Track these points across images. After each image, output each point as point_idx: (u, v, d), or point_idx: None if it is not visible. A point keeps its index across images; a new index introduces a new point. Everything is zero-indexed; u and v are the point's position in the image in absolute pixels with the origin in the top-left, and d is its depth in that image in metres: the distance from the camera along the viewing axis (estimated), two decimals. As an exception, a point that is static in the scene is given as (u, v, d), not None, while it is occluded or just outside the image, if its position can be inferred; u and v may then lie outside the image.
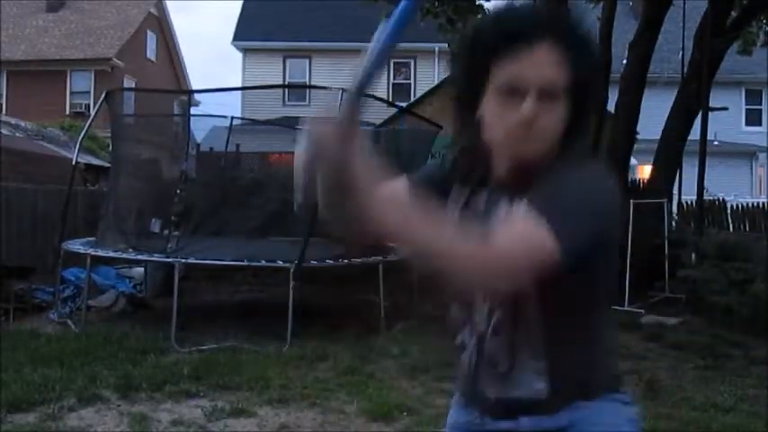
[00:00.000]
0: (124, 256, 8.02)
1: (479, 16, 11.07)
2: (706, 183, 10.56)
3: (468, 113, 1.39)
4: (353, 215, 1.27)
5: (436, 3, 10.78)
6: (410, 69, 23.46)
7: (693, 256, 9.37)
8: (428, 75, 22.10)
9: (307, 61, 23.45)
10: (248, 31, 23.72)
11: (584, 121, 1.39)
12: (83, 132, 9.44)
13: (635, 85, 11.61)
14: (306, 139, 1.39)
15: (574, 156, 1.36)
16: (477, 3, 11.11)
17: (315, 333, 7.20)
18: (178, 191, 7.88)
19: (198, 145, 12.05)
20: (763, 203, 13.17)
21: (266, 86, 22.27)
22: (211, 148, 12.35)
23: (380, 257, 8.19)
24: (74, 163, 8.85)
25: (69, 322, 7.62)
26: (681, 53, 13.51)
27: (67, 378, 5.39)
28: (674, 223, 11.11)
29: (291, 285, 7.00)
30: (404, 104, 15.58)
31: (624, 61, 12.32)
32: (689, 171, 11.76)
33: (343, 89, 1.51)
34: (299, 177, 1.32)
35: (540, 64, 1.30)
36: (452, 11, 10.58)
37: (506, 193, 1.38)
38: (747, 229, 11.31)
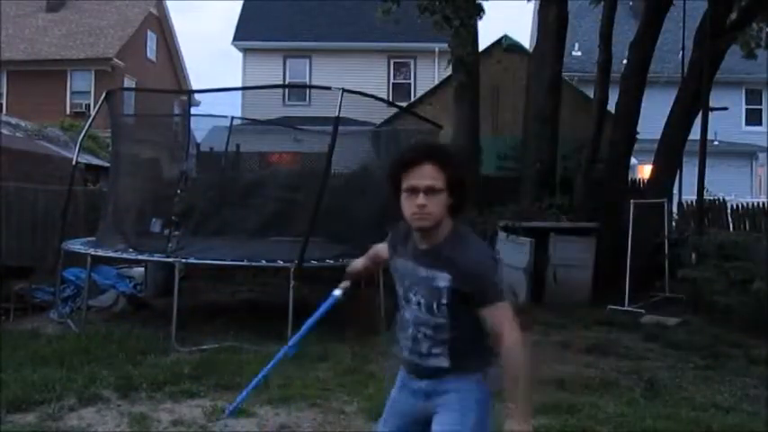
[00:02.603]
0: (124, 255, 8.01)
1: (477, 16, 11.08)
2: (706, 183, 10.56)
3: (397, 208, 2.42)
4: None
5: (436, 2, 10.77)
6: (410, 69, 23.45)
7: (693, 256, 9.38)
8: (428, 75, 22.07)
9: (307, 61, 23.43)
10: (248, 31, 23.71)
11: (464, 203, 2.38)
12: (83, 132, 9.44)
13: (635, 85, 11.62)
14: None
15: (460, 225, 2.43)
16: (477, 2, 11.10)
17: (315, 333, 7.18)
18: (178, 191, 7.87)
19: (198, 145, 12.05)
20: (763, 203, 13.16)
21: (266, 86, 22.23)
22: (211, 148, 12.35)
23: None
24: (74, 163, 8.84)
25: (69, 322, 7.62)
26: (681, 53, 13.53)
27: (67, 378, 5.39)
28: (674, 223, 11.11)
29: (291, 285, 6.99)
30: (404, 104, 15.57)
31: (624, 61, 12.32)
32: (689, 171, 11.77)
33: (343, 89, 1.65)
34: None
35: (425, 174, 2.32)
36: (451, 10, 10.57)
37: (419, 248, 2.44)
38: (747, 229, 11.30)
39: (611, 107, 12.04)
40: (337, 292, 3.24)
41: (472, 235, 2.45)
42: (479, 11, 11.14)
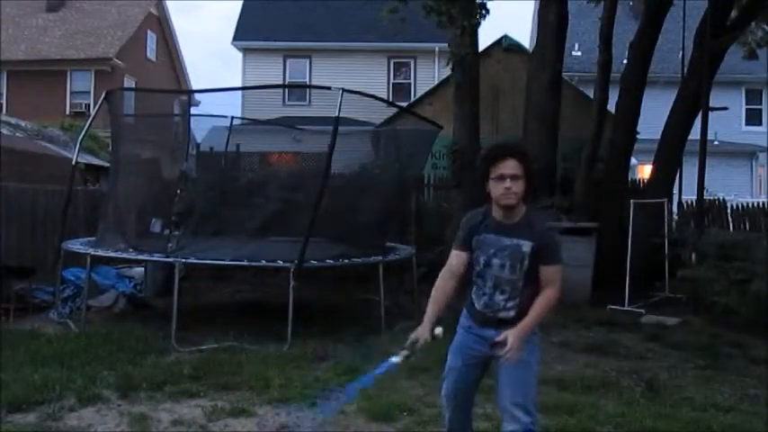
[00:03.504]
0: (124, 255, 8.02)
1: (481, 16, 11.06)
2: (706, 182, 10.55)
3: (485, 192, 3.23)
4: None
5: (442, 2, 10.75)
6: (410, 69, 23.44)
7: (693, 256, 9.37)
8: (428, 75, 22.06)
9: (307, 61, 23.42)
10: (248, 31, 23.71)
11: (533, 189, 3.19)
12: (83, 132, 9.43)
13: (635, 85, 11.62)
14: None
15: (531, 204, 3.28)
16: (480, 1, 11.08)
17: (315, 333, 7.20)
18: (178, 191, 7.88)
19: (198, 145, 12.04)
20: (763, 203, 13.15)
21: (266, 86, 22.23)
22: (211, 148, 12.34)
23: (380, 257, 8.20)
24: (74, 163, 8.85)
25: (69, 322, 7.62)
26: (681, 53, 13.52)
27: (67, 378, 5.39)
28: (674, 223, 11.11)
29: (291, 285, 6.99)
30: (404, 104, 15.56)
31: (624, 61, 12.32)
32: (689, 171, 11.76)
33: (343, 89, 1.65)
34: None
35: (511, 166, 3.15)
36: (458, 10, 10.54)
37: (503, 222, 3.24)
38: (747, 228, 11.29)
39: (612, 107, 12.03)
40: (395, 359, 3.34)
41: (541, 215, 3.41)
42: (485, 10, 11.12)
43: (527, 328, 3.13)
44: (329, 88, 7.69)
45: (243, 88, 19.63)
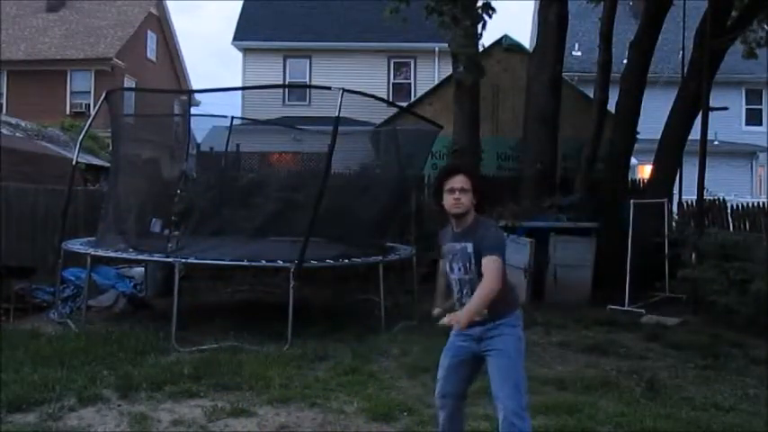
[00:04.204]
0: (124, 255, 8.02)
1: (486, 15, 11.04)
2: (706, 183, 10.54)
3: (438, 203, 3.65)
4: None
5: (444, 3, 10.75)
6: (410, 69, 23.44)
7: (693, 256, 9.37)
8: (428, 75, 22.06)
9: (307, 61, 23.41)
10: (248, 31, 23.70)
11: (483, 200, 3.61)
12: (83, 132, 9.43)
13: (635, 85, 11.62)
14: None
15: (481, 214, 3.64)
16: (484, 1, 11.08)
17: (315, 333, 7.20)
18: (178, 191, 7.88)
19: (198, 145, 12.06)
20: (763, 203, 13.14)
21: (266, 86, 22.22)
22: (211, 148, 12.35)
23: (380, 257, 8.20)
24: (74, 163, 8.84)
25: (69, 322, 7.62)
26: (681, 53, 13.52)
27: (68, 378, 5.40)
28: (674, 223, 11.11)
29: (291, 285, 6.99)
30: (404, 104, 15.57)
31: (624, 61, 12.32)
32: (689, 171, 11.75)
33: (343, 89, 1.65)
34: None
35: (459, 181, 3.55)
36: (461, 10, 10.54)
37: (456, 231, 3.61)
38: (747, 228, 11.28)
39: (612, 107, 12.04)
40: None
41: (489, 220, 3.69)
42: (491, 9, 11.11)
43: (467, 312, 3.33)
44: (329, 88, 7.69)
45: (243, 88, 19.63)
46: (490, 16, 11.14)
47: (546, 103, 11.43)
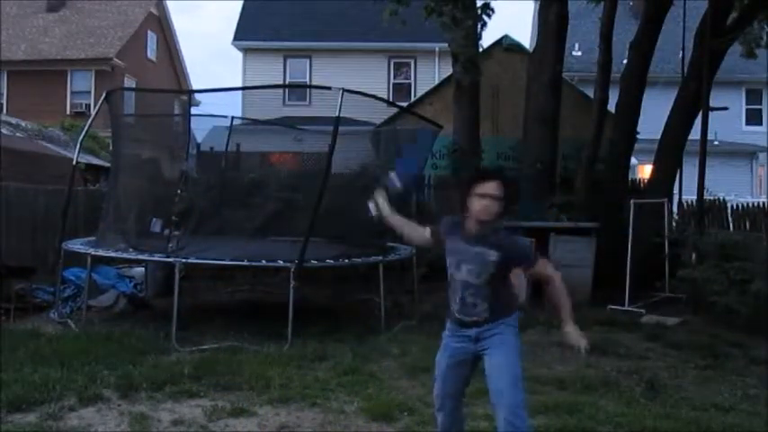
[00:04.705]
0: (124, 255, 8.02)
1: (486, 15, 11.06)
2: (706, 182, 10.56)
3: (464, 205, 3.54)
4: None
5: (440, 3, 10.75)
6: (410, 69, 23.45)
7: (693, 255, 9.37)
8: (428, 74, 22.05)
9: (307, 61, 23.42)
10: (249, 31, 23.71)
11: (507, 209, 3.57)
12: (83, 132, 9.43)
13: (635, 85, 11.62)
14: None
15: (503, 223, 3.62)
16: (484, 2, 11.08)
17: (315, 333, 7.20)
18: (178, 191, 7.88)
19: (198, 145, 12.04)
20: (763, 203, 13.16)
21: (266, 86, 22.22)
22: (211, 148, 12.34)
23: (380, 257, 8.20)
24: (74, 163, 8.85)
25: (70, 322, 7.63)
26: (681, 53, 13.52)
27: (68, 378, 5.40)
28: (674, 223, 11.11)
29: (291, 285, 7.00)
30: (404, 104, 15.56)
31: (624, 61, 12.32)
32: (689, 171, 11.76)
33: (343, 89, 1.67)
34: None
35: (492, 187, 3.47)
36: (462, 11, 10.54)
37: (475, 233, 3.53)
38: (747, 229, 11.29)
39: (612, 107, 12.04)
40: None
41: (507, 230, 3.65)
42: (490, 9, 11.12)
43: (571, 317, 3.55)
44: (329, 88, 7.69)
45: (243, 88, 19.62)
46: (489, 17, 11.15)
47: (546, 103, 11.43)
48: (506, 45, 14.79)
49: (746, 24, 11.91)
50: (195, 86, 30.11)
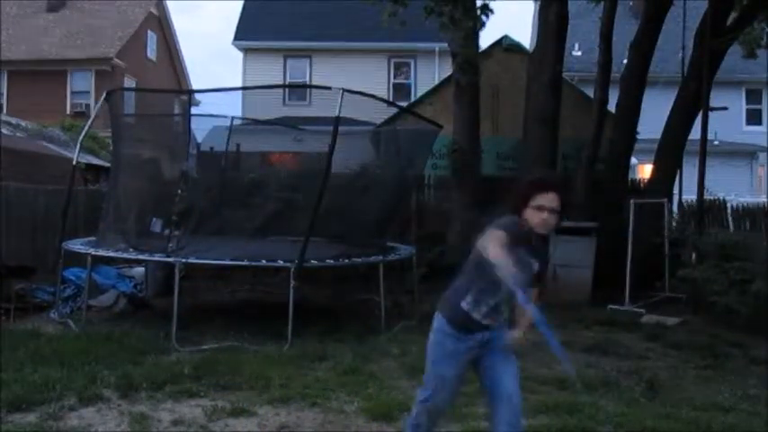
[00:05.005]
0: (125, 255, 8.02)
1: (485, 16, 11.05)
2: (706, 182, 10.56)
3: (519, 214, 3.31)
4: None
5: (440, 3, 10.75)
6: (410, 69, 23.46)
7: (693, 255, 9.37)
8: (428, 75, 22.05)
9: (307, 61, 23.43)
10: (249, 31, 23.72)
11: (561, 220, 3.35)
12: (83, 132, 9.44)
13: (635, 85, 11.62)
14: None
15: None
16: (483, 3, 11.08)
17: (315, 333, 7.21)
18: (179, 191, 7.88)
19: (198, 145, 12.04)
20: (763, 203, 13.16)
21: (266, 86, 22.21)
22: (212, 148, 12.34)
23: (380, 257, 8.20)
24: (74, 163, 8.85)
25: (70, 322, 7.63)
26: (681, 53, 13.53)
27: (68, 378, 5.40)
28: (674, 223, 11.11)
29: (291, 285, 7.00)
30: (404, 104, 15.56)
31: (624, 61, 12.32)
32: (689, 171, 11.76)
33: (343, 89, 1.67)
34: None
35: (552, 200, 3.28)
36: (462, 12, 10.54)
37: (534, 244, 3.34)
38: (747, 229, 11.30)
39: (612, 107, 12.04)
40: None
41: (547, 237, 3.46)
42: (489, 10, 11.12)
43: (526, 328, 3.42)
44: (329, 88, 7.68)
45: (243, 88, 19.60)
46: (488, 17, 11.15)
47: (546, 103, 11.42)
48: (506, 45, 14.78)
49: (746, 24, 11.92)
50: (195, 86, 30.14)
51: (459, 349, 3.41)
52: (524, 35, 30.03)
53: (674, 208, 11.95)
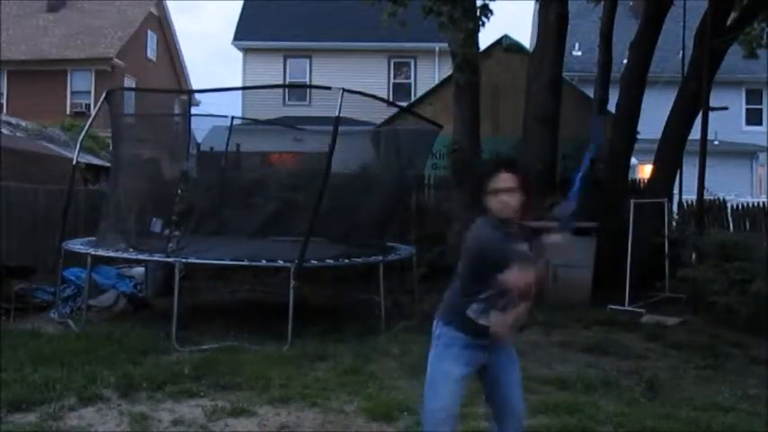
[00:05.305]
0: (125, 255, 8.02)
1: (484, 17, 11.06)
2: (706, 182, 10.55)
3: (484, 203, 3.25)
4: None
5: (438, 3, 10.75)
6: (410, 69, 23.46)
7: (693, 255, 9.37)
8: (428, 74, 22.06)
9: (307, 61, 23.43)
10: (249, 31, 23.72)
11: (531, 201, 3.22)
12: (83, 132, 9.44)
13: (635, 85, 11.62)
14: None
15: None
16: (483, 3, 11.08)
17: (315, 333, 7.21)
18: (179, 191, 7.88)
19: (198, 145, 12.04)
20: (763, 203, 13.15)
21: (266, 86, 22.24)
22: (212, 148, 12.34)
23: (380, 257, 8.20)
24: (74, 163, 8.85)
25: (70, 322, 7.63)
26: (681, 53, 13.52)
27: (68, 378, 5.40)
28: (674, 223, 11.11)
29: (291, 285, 7.00)
30: (404, 104, 15.56)
31: (624, 61, 12.32)
32: (689, 171, 11.75)
33: (343, 89, 1.67)
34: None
35: (505, 179, 3.20)
36: (461, 13, 10.54)
37: (509, 228, 3.21)
38: (747, 228, 11.29)
39: (612, 107, 12.03)
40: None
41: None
42: (488, 11, 11.12)
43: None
44: (329, 88, 7.69)
45: (243, 88, 19.63)
46: (488, 18, 11.16)
47: (546, 103, 11.42)
48: (506, 45, 14.78)
49: (746, 24, 11.92)
50: (195, 86, 30.16)
51: (465, 353, 3.32)
52: (524, 35, 30.05)
53: (674, 208, 11.94)
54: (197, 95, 11.22)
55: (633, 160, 13.44)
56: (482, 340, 3.29)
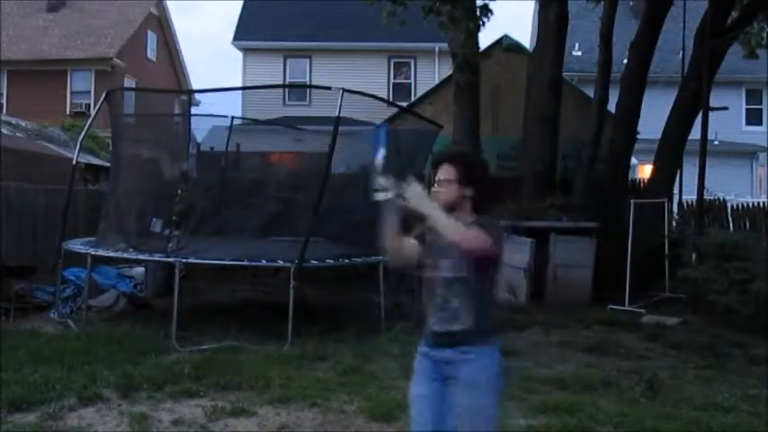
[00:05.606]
0: (125, 255, 8.02)
1: (484, 17, 11.07)
2: (706, 182, 10.56)
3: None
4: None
5: (438, 3, 10.76)
6: (410, 69, 23.45)
7: (693, 255, 9.38)
8: (428, 74, 22.05)
9: (307, 61, 23.42)
10: (249, 31, 23.71)
11: (483, 195, 3.11)
12: (83, 132, 9.44)
13: (635, 85, 11.63)
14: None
15: (485, 210, 3.09)
16: (483, 3, 11.09)
17: (315, 333, 7.20)
18: (179, 191, 7.88)
19: (198, 145, 12.04)
20: (763, 203, 13.15)
21: (266, 86, 22.23)
22: (212, 148, 12.34)
23: (380, 257, 8.19)
24: (74, 163, 8.85)
25: (70, 322, 7.63)
26: (681, 53, 13.53)
27: (68, 378, 5.40)
28: (674, 223, 11.11)
29: (291, 285, 7.00)
30: (404, 104, 15.56)
31: (624, 61, 12.32)
32: (689, 171, 11.77)
33: (343, 89, 1.68)
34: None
35: (445, 171, 3.03)
36: (462, 13, 10.55)
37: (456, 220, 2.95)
38: (747, 229, 11.29)
39: (612, 107, 12.04)
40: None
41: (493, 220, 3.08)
42: (489, 11, 11.14)
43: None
44: (329, 88, 7.69)
45: (243, 88, 19.61)
46: (488, 18, 11.17)
47: (546, 103, 11.43)
48: (506, 45, 14.78)
49: (746, 24, 11.93)
50: (195, 86, 30.11)
51: (421, 367, 3.03)
52: (524, 35, 30.03)
53: (674, 208, 11.95)
54: (197, 95, 11.21)
55: (633, 160, 13.44)
56: (438, 351, 2.97)
